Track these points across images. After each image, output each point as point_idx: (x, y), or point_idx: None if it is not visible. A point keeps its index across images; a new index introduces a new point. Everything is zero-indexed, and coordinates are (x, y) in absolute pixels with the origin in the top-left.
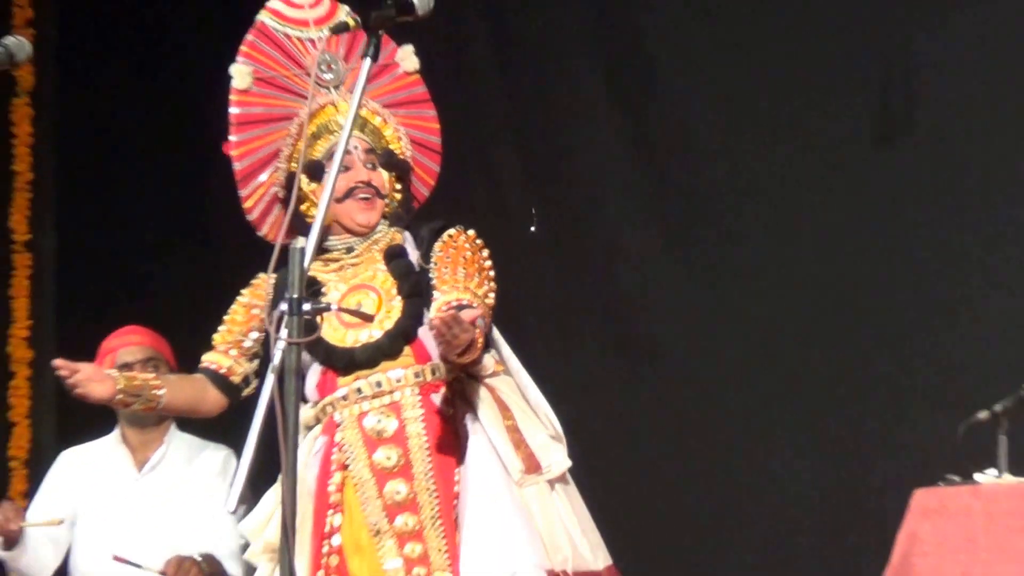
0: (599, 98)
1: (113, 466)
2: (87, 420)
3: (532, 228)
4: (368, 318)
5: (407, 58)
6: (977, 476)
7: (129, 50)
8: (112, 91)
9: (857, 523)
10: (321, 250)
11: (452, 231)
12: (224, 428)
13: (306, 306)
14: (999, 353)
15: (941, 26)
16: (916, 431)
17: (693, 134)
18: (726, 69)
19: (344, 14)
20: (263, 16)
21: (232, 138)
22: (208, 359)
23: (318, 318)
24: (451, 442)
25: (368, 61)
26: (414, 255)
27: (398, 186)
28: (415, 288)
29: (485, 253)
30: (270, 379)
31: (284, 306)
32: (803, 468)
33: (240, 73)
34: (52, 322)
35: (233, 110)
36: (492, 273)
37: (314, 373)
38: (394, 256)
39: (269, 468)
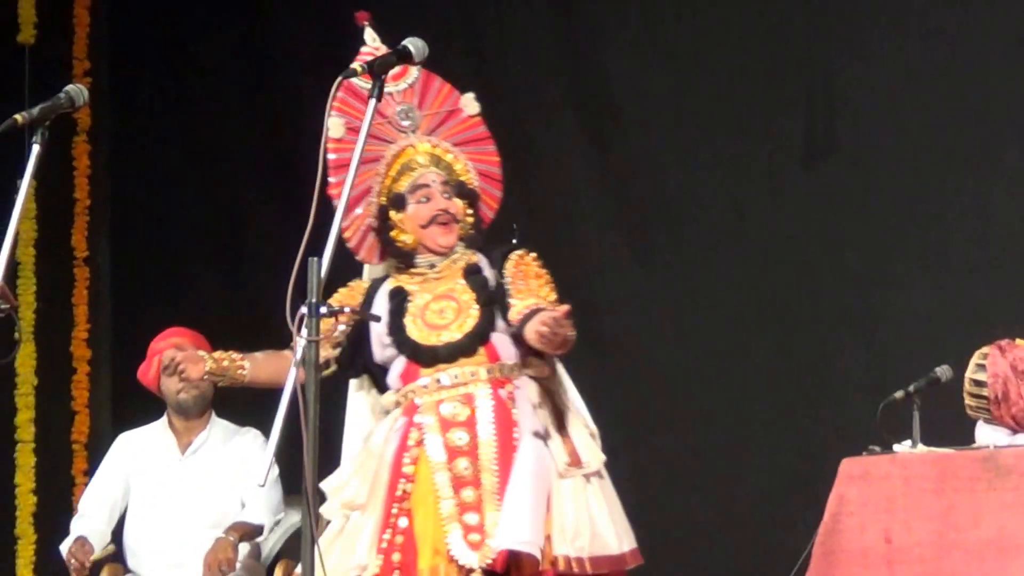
0: (571, 124)
1: (160, 449)
2: (137, 409)
3: (514, 240)
4: (375, 319)
5: (469, 104)
6: (895, 447)
7: (170, 95)
8: (157, 130)
9: (796, 488)
10: (410, 265)
11: (520, 251)
12: (258, 414)
13: (323, 309)
14: (914, 342)
15: (860, 59)
16: (844, 409)
17: (650, 155)
18: (678, 99)
19: (414, 69)
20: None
21: (331, 179)
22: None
23: (405, 321)
24: (512, 430)
25: (373, 101)
26: (488, 272)
27: (469, 211)
28: (490, 299)
29: (545, 270)
30: (293, 371)
31: (304, 309)
32: (753, 443)
33: (335, 125)
34: (107, 326)
35: (330, 156)
36: (554, 286)
37: (398, 365)
38: (472, 272)
39: (293, 447)
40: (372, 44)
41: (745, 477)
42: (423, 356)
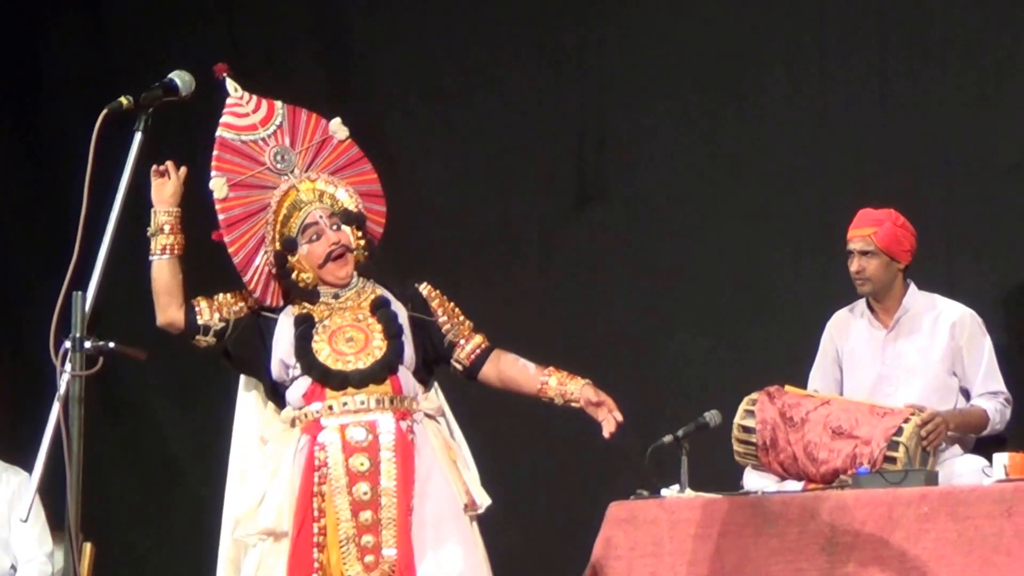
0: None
1: None
2: None
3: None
4: (140, 355)
5: (338, 130)
6: (663, 491)
7: None
8: None
9: (563, 531)
10: (315, 295)
11: (422, 287)
12: (23, 452)
13: (87, 344)
14: (682, 386)
15: (631, 104)
16: (612, 453)
17: (421, 195)
18: (448, 140)
19: (279, 108)
20: (220, 131)
21: (226, 238)
22: (197, 298)
23: (314, 346)
24: (411, 459)
25: (139, 135)
26: (397, 307)
27: (359, 234)
28: (399, 332)
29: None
30: (56, 407)
31: (68, 343)
32: (520, 486)
33: (218, 185)
34: None
35: (220, 216)
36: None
37: (301, 384)
38: (380, 306)
39: (57, 482)
40: (235, 95)
41: (512, 520)
42: (333, 380)
